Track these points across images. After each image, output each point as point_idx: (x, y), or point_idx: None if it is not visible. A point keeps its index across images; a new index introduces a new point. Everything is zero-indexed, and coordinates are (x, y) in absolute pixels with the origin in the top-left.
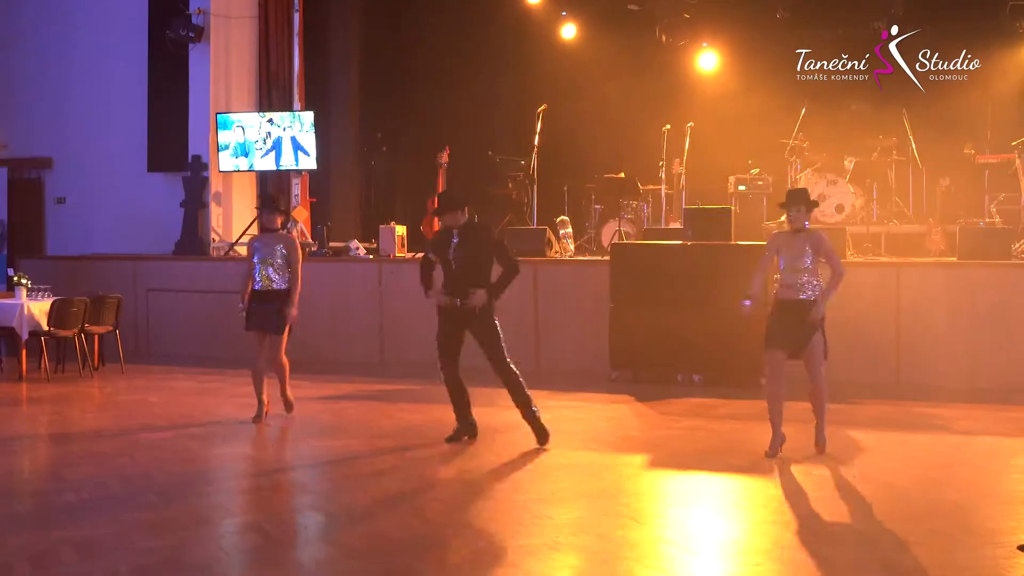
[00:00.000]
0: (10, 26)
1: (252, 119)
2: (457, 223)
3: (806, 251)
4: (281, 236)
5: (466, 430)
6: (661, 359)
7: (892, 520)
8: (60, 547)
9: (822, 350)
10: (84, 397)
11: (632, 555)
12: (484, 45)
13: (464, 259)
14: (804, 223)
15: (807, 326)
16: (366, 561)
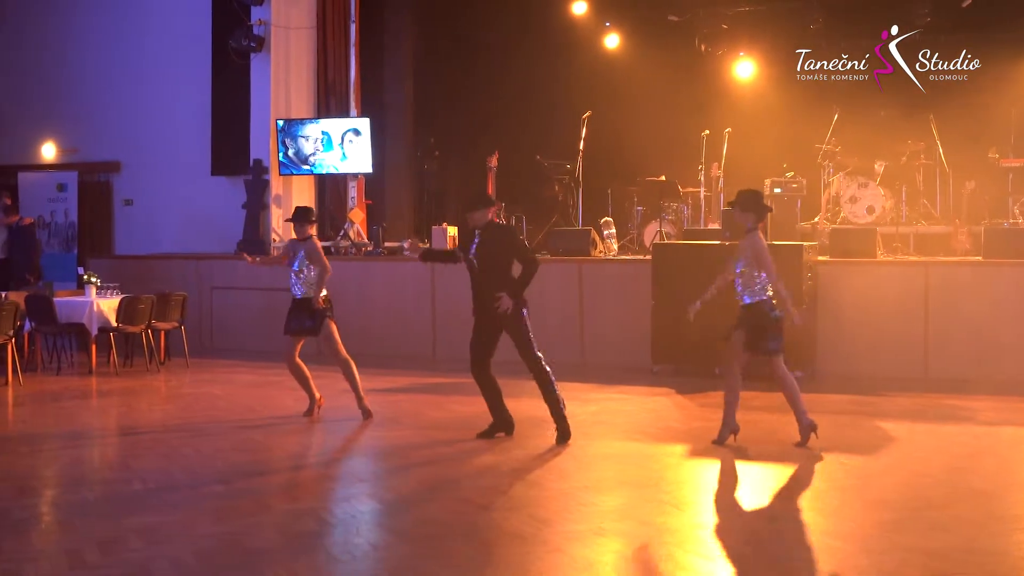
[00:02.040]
0: (81, 36)
1: (311, 125)
2: (482, 222)
3: (742, 254)
4: (306, 243)
5: (501, 426)
6: (700, 353)
7: (920, 507)
8: (127, 533)
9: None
10: (151, 390)
11: (673, 540)
12: (532, 54)
13: (486, 259)
14: (747, 225)
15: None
16: (418, 546)
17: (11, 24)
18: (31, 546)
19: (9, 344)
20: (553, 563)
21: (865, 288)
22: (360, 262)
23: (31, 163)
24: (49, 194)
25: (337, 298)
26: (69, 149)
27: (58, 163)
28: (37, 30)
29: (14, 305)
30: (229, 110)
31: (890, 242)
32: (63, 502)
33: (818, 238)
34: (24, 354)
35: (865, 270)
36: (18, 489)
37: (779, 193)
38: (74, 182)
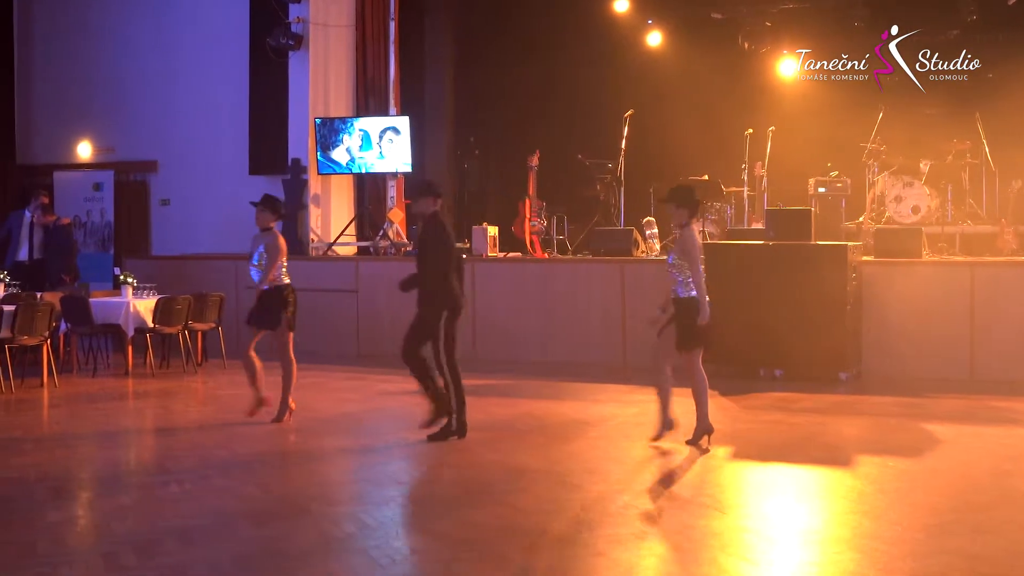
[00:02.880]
0: (117, 35)
1: (349, 124)
2: (426, 211)
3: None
4: (264, 235)
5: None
6: (743, 354)
7: (966, 510)
8: (164, 537)
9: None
10: (187, 392)
11: (716, 544)
12: (573, 52)
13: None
14: (681, 222)
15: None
16: (458, 549)
17: (47, 23)
18: (67, 548)
19: (45, 345)
20: (594, 567)
21: (910, 289)
22: (399, 262)
23: (67, 162)
24: (85, 193)
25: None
26: (105, 148)
27: (94, 162)
28: (74, 29)
29: (50, 306)
30: (267, 109)
31: (935, 242)
32: (99, 504)
33: (863, 238)
34: (60, 355)
35: (910, 270)
36: (54, 491)
37: (823, 192)
38: (110, 181)
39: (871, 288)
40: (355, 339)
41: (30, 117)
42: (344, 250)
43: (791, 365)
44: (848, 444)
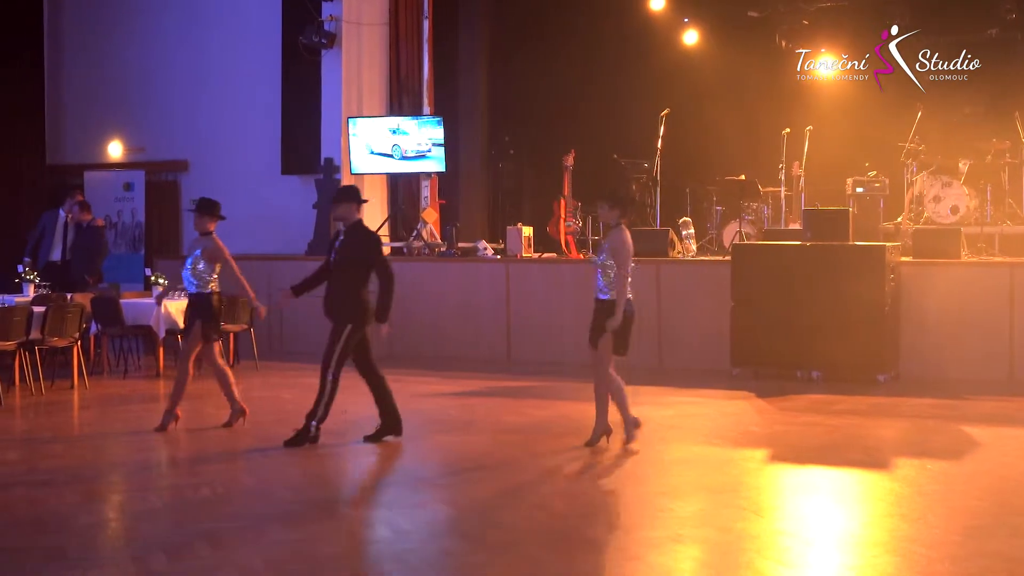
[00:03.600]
0: (148, 33)
1: (383, 123)
2: (349, 219)
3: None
4: (203, 239)
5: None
6: (781, 356)
7: (1006, 512)
8: (195, 540)
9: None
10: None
11: (752, 547)
12: (609, 51)
13: (342, 260)
14: (612, 221)
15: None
16: (492, 554)
17: (77, 23)
18: (97, 552)
19: (75, 347)
20: (630, 570)
21: (949, 289)
22: (433, 263)
23: (97, 162)
24: (116, 194)
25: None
26: (136, 148)
27: (125, 162)
28: (104, 28)
29: (80, 307)
30: (300, 108)
31: (974, 242)
32: (129, 507)
33: (901, 238)
34: (90, 357)
35: (949, 271)
36: (84, 493)
37: (861, 192)
38: (141, 181)
39: (909, 289)
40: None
41: (60, 117)
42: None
43: (828, 367)
44: (886, 446)
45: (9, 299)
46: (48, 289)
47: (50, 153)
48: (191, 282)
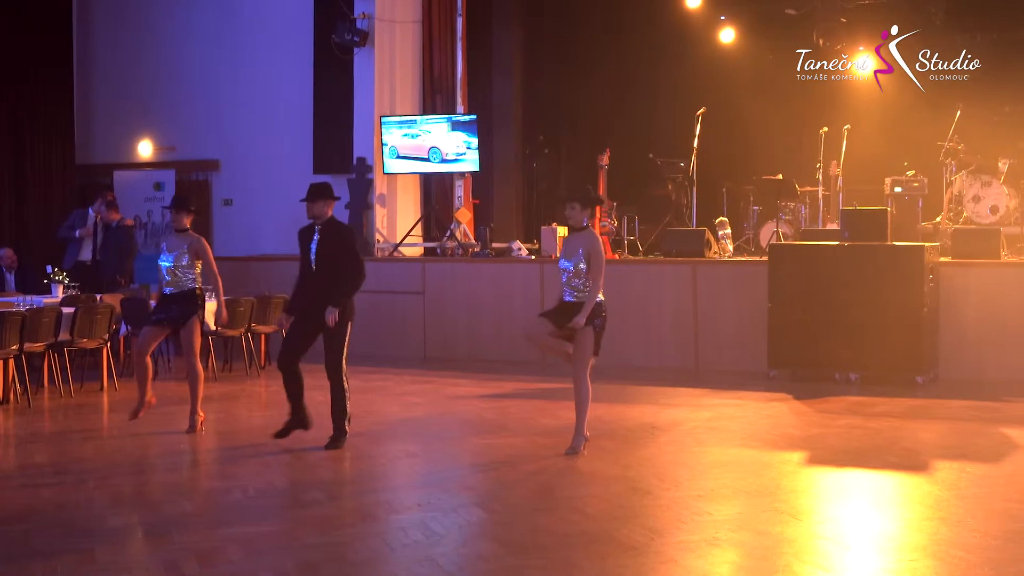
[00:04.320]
0: (178, 32)
1: (416, 122)
2: (322, 216)
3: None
4: (188, 237)
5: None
6: (818, 358)
7: None
8: (227, 544)
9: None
10: (250, 396)
11: (790, 551)
12: (645, 49)
13: (323, 259)
14: (580, 221)
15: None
16: (527, 557)
17: (108, 21)
18: (126, 556)
19: (105, 348)
20: (665, 574)
21: (988, 290)
22: (467, 263)
23: (127, 161)
24: (146, 193)
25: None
26: (166, 147)
27: (155, 161)
28: (134, 26)
29: (109, 308)
30: (332, 107)
31: (1014, 243)
32: (160, 511)
33: (940, 239)
34: (120, 358)
35: (988, 271)
36: (113, 497)
37: (900, 192)
38: (171, 181)
39: (948, 290)
40: (421, 342)
41: (89, 116)
42: (410, 251)
43: (867, 368)
44: (925, 449)
45: (38, 300)
46: (77, 290)
47: (79, 153)
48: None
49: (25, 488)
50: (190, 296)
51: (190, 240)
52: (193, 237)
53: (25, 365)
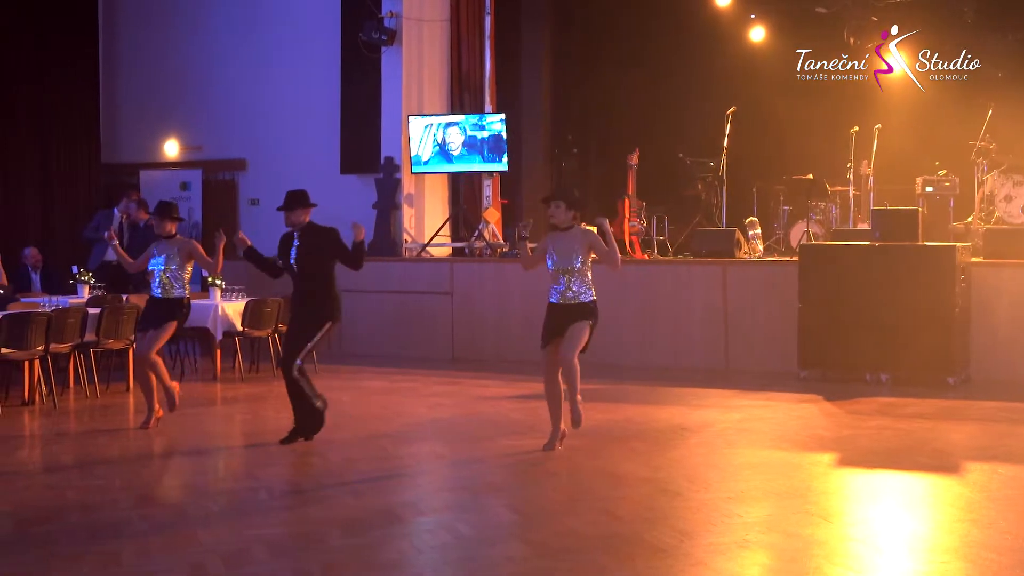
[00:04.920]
0: (205, 30)
1: (444, 121)
2: (301, 223)
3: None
4: (176, 241)
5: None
6: (849, 358)
7: None
8: (253, 545)
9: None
10: (277, 397)
11: (821, 553)
12: (674, 47)
13: (306, 263)
14: (565, 222)
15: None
16: (556, 559)
17: (134, 19)
18: (152, 557)
19: (131, 349)
20: None
21: (1021, 290)
22: (495, 263)
23: (153, 161)
24: (172, 193)
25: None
26: (193, 147)
27: (181, 161)
28: (160, 25)
29: (135, 308)
30: (359, 106)
31: None
32: (185, 512)
33: (971, 239)
34: None
35: (1021, 272)
36: (140, 498)
37: (931, 192)
38: (198, 181)
39: (980, 290)
40: (449, 342)
41: (115, 115)
42: (438, 251)
43: (898, 369)
44: (956, 450)
45: (63, 300)
46: (103, 290)
47: (105, 152)
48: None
49: (50, 489)
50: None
51: (180, 244)
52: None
53: (51, 366)
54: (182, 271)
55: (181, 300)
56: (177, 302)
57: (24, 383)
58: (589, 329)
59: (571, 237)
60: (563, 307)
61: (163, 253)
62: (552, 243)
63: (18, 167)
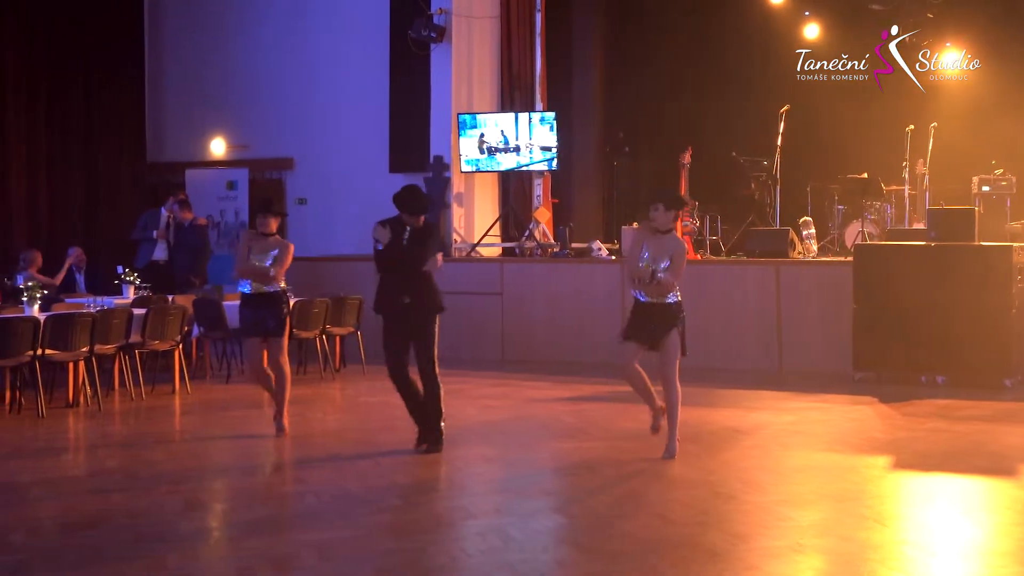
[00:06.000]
0: (253, 28)
1: (494, 119)
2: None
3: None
4: (275, 240)
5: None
6: (904, 360)
7: None
8: (301, 550)
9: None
10: (325, 399)
11: (875, 557)
12: (727, 45)
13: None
14: (666, 225)
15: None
16: (608, 563)
17: (180, 17)
18: (199, 562)
19: (176, 350)
20: None
21: None
22: (546, 263)
23: (200, 160)
24: (219, 192)
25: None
26: (240, 145)
27: (228, 160)
28: (207, 22)
29: (181, 309)
30: (408, 104)
31: None
32: (233, 516)
33: None
34: (192, 361)
35: None
36: (185, 502)
37: (987, 191)
38: (245, 180)
39: None
40: (499, 344)
41: (161, 113)
42: (488, 251)
43: (954, 371)
44: (1013, 453)
45: (108, 301)
46: (149, 291)
47: (151, 151)
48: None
49: (95, 494)
50: (276, 300)
51: (279, 243)
52: (280, 240)
53: (96, 367)
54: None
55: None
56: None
57: (68, 385)
58: (679, 336)
59: (666, 241)
60: (649, 307)
61: (263, 252)
62: (647, 243)
63: (63, 167)
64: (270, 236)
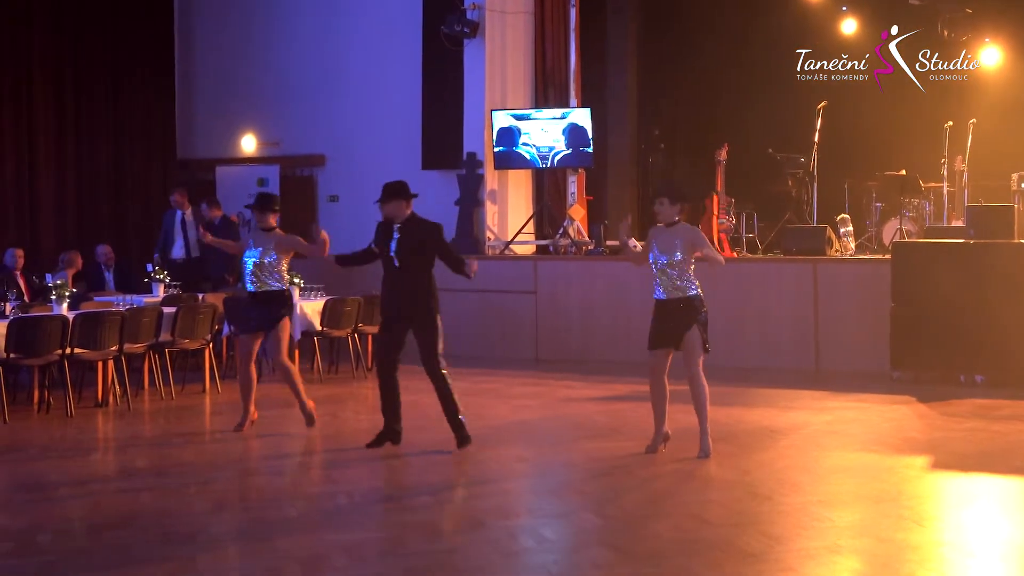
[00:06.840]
0: (284, 23)
1: (528, 116)
2: (401, 215)
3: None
4: (274, 235)
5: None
6: (943, 359)
7: None
8: (331, 551)
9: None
10: (357, 398)
11: (914, 558)
12: (764, 40)
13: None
14: (670, 218)
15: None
16: (642, 564)
17: (211, 13)
18: (229, 563)
19: (207, 349)
20: None
21: None
22: (580, 261)
23: (230, 156)
24: (249, 189)
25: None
26: (270, 142)
27: (259, 156)
28: (238, 18)
29: (212, 308)
30: (441, 100)
31: None
32: (262, 516)
33: None
34: (222, 359)
35: None
36: (216, 503)
37: None
38: (275, 177)
39: None
40: (533, 343)
41: (191, 110)
42: (522, 249)
43: (993, 371)
44: None
45: (138, 299)
46: (179, 289)
47: (181, 147)
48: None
49: (124, 493)
50: (276, 298)
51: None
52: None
53: (125, 366)
54: (279, 264)
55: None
56: (277, 295)
57: (98, 384)
58: (700, 330)
59: (673, 232)
60: (669, 304)
61: (259, 245)
62: (655, 238)
63: (92, 164)
64: (269, 231)
